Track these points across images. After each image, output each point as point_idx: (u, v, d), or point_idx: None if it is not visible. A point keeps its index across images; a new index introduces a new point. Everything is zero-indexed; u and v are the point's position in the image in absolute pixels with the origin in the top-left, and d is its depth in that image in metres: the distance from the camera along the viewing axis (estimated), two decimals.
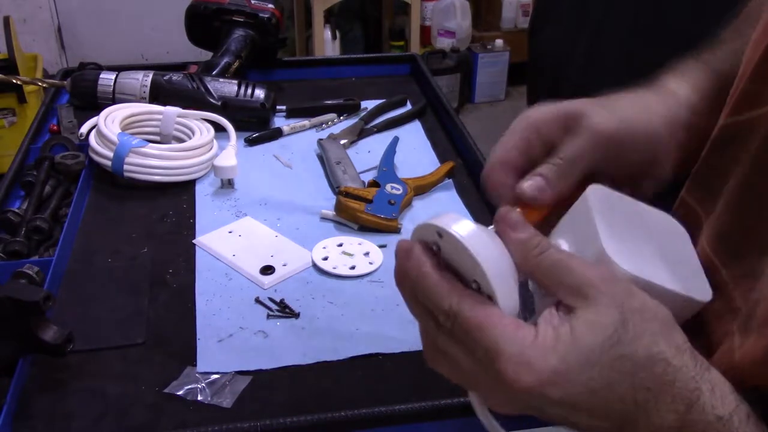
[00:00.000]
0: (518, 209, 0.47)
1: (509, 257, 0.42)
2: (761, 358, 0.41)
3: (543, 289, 0.43)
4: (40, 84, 1.35)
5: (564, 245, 0.46)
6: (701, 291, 0.45)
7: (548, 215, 0.50)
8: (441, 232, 0.42)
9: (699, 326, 0.49)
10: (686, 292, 0.44)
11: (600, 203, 0.47)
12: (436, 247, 0.43)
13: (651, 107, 0.55)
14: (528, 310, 0.44)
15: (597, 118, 0.52)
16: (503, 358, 0.39)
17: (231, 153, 1.05)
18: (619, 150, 0.52)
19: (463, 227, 0.42)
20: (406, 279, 0.44)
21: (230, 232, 0.94)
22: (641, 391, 0.39)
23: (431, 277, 0.42)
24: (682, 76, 0.59)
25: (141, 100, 1.16)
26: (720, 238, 0.49)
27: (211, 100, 1.15)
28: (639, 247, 0.45)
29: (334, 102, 1.25)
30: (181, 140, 1.09)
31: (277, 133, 1.17)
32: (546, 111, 0.53)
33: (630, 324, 0.39)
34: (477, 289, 0.42)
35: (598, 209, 0.46)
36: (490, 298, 0.41)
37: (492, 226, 0.45)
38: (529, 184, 0.49)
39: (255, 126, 1.17)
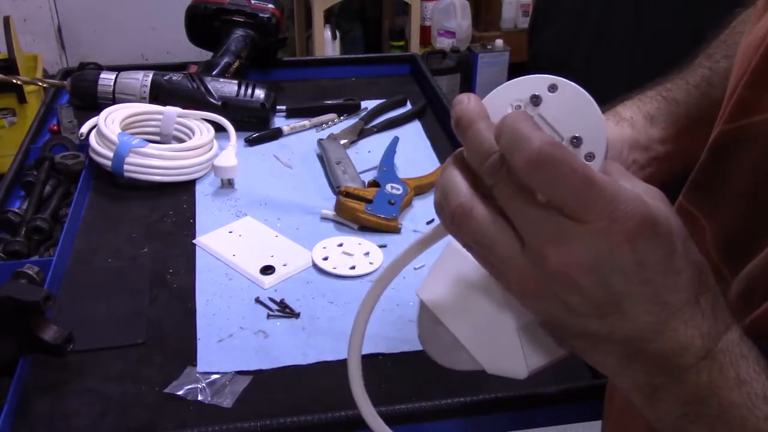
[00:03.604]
0: None
1: None
2: None
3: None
4: (40, 84, 1.35)
5: None
6: None
7: None
8: (558, 85, 0.41)
9: None
10: None
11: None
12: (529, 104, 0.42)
13: (609, 128, 0.57)
14: None
15: None
16: (590, 207, 0.36)
17: (231, 153, 1.05)
18: None
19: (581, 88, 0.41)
20: (486, 122, 0.41)
21: (230, 232, 0.94)
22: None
23: (529, 121, 0.38)
24: (634, 105, 0.62)
25: (141, 100, 1.16)
26: (728, 247, 0.49)
27: (211, 100, 1.15)
28: None
29: (334, 102, 1.25)
30: (181, 140, 1.09)
31: (277, 133, 1.17)
32: None
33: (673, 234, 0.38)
34: (573, 146, 0.40)
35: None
36: (588, 158, 0.40)
37: None
38: None
39: (255, 126, 1.17)
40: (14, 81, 1.46)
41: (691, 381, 0.39)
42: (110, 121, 1.04)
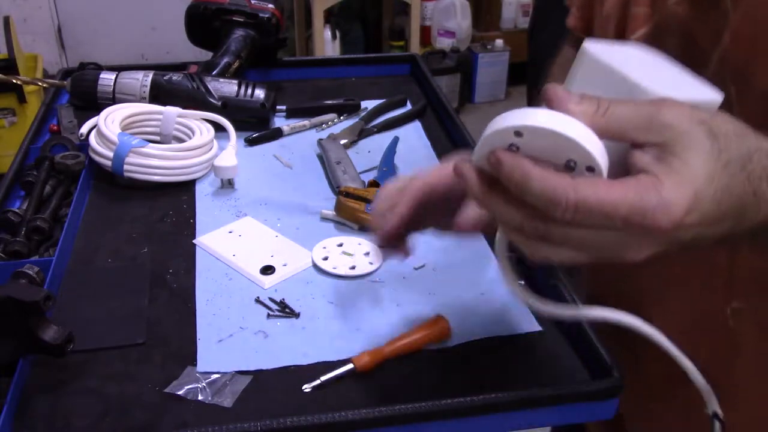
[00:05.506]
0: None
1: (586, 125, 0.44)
2: None
3: (621, 141, 0.44)
4: (40, 84, 1.35)
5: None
6: (713, 93, 0.49)
7: None
8: (522, 130, 0.43)
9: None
10: (711, 97, 0.48)
11: (602, 52, 0.51)
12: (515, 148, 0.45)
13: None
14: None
15: None
16: (649, 213, 0.41)
17: (231, 153, 1.05)
18: None
19: (541, 117, 0.43)
20: (499, 189, 0.45)
21: (230, 232, 0.94)
22: (755, 180, 0.44)
23: (539, 174, 0.42)
24: None
25: (141, 100, 1.16)
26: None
27: (211, 100, 1.15)
28: (652, 76, 0.49)
29: (334, 102, 1.25)
30: (181, 140, 1.09)
31: (277, 133, 1.17)
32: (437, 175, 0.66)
33: (719, 133, 0.43)
34: (571, 169, 0.44)
35: (604, 56, 0.50)
36: (590, 171, 0.43)
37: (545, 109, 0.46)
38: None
39: (255, 126, 1.17)
40: (14, 81, 1.45)
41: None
42: (110, 121, 1.04)
